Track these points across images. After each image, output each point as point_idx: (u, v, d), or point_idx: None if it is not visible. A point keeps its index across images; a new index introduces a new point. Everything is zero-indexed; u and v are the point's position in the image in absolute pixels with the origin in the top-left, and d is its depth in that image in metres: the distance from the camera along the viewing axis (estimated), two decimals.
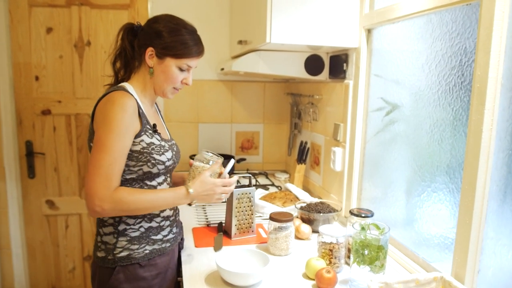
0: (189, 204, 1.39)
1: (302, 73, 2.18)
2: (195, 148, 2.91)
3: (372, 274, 1.30)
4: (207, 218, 1.99)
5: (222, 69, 2.52)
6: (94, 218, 2.84)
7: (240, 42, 2.28)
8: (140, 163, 1.32)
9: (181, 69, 1.39)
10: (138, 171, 1.33)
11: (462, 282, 1.21)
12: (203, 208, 2.15)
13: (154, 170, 1.35)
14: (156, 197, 1.31)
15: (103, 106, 1.28)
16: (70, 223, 2.83)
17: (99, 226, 1.39)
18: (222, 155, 2.87)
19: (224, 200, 1.50)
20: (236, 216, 1.74)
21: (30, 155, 2.68)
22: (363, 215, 1.50)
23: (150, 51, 1.36)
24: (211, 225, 1.90)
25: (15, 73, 2.60)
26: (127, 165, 1.31)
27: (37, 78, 2.63)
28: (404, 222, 1.61)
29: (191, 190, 1.34)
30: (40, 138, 2.69)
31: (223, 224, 1.85)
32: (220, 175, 1.46)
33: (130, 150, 1.30)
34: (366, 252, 1.29)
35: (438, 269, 1.37)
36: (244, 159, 2.92)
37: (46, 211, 2.77)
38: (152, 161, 1.33)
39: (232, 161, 1.55)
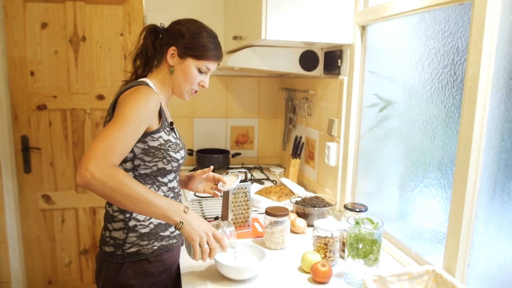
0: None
1: (297, 69, 2.19)
2: (191, 143, 2.92)
3: (366, 268, 1.32)
4: (203, 213, 2.01)
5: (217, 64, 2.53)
6: (87, 189, 2.85)
7: (235, 37, 2.29)
8: (156, 159, 1.34)
9: (200, 71, 1.42)
10: (153, 167, 1.34)
11: (453, 275, 1.24)
12: (199, 202, 2.17)
13: (168, 167, 1.37)
14: (152, 196, 1.16)
15: (129, 95, 1.27)
16: (66, 218, 2.84)
17: (107, 221, 1.40)
18: (218, 151, 2.90)
19: (201, 257, 1.29)
20: (232, 211, 1.76)
21: (26, 150, 2.68)
22: (357, 210, 1.53)
23: (172, 50, 1.39)
24: (208, 220, 1.92)
25: (10, 68, 2.59)
26: (143, 160, 1.32)
27: (32, 73, 2.62)
28: (397, 216, 1.63)
29: (187, 211, 1.23)
30: (36, 133, 2.70)
31: (220, 219, 1.88)
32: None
33: (148, 146, 1.31)
34: (360, 246, 1.32)
35: (430, 262, 1.40)
36: (239, 154, 2.93)
37: (42, 206, 2.78)
38: (168, 158, 1.36)
39: (238, 180, 1.63)
